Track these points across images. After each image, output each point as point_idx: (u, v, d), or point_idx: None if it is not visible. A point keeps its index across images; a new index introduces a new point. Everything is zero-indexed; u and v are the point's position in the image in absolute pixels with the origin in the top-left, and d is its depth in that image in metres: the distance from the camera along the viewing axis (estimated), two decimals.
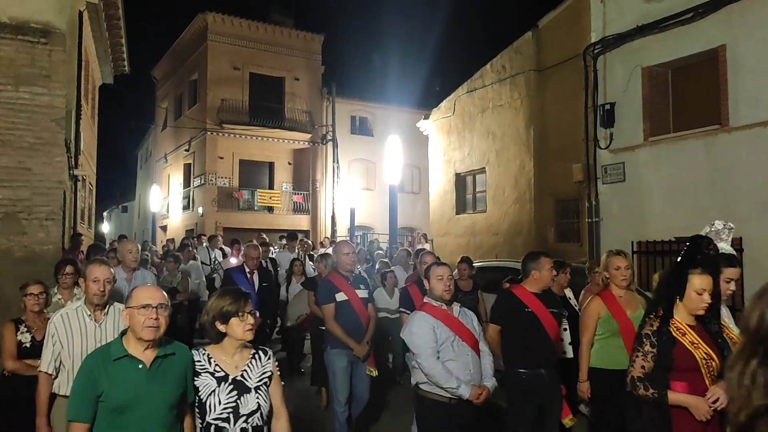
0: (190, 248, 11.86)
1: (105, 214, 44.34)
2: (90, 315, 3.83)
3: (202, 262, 11.67)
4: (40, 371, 3.73)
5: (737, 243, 9.49)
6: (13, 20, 8.65)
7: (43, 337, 3.93)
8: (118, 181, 43.55)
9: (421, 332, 4.12)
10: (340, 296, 5.60)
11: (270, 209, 25.56)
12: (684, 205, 10.41)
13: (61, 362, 3.72)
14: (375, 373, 5.74)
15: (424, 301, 4.37)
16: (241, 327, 2.93)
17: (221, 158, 24.99)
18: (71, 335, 3.74)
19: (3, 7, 8.60)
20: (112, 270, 3.98)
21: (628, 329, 4.41)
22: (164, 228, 28.70)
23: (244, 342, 3.00)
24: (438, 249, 16.69)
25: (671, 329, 3.30)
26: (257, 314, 3.02)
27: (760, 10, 9.44)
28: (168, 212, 29.16)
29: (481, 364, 4.22)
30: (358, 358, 5.57)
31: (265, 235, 14.28)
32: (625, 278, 4.68)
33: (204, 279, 10.95)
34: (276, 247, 14.10)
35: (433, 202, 18.40)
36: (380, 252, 13.51)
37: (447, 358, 4.08)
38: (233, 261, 10.91)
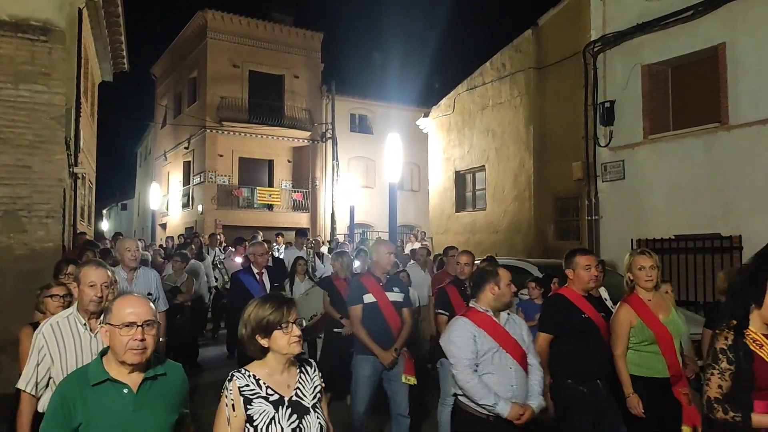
0: (193, 247, 11.87)
1: (104, 211, 44.35)
2: (84, 324, 3.40)
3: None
4: (19, 389, 3.26)
5: (736, 240, 9.52)
6: (12, 18, 8.64)
7: None
8: (117, 179, 43.56)
9: (459, 341, 3.76)
10: (368, 298, 5.26)
11: (270, 207, 25.57)
12: (683, 203, 10.42)
13: (50, 378, 3.27)
14: (413, 381, 5.26)
15: (470, 305, 3.98)
16: (286, 339, 2.54)
17: (221, 156, 24.99)
18: (63, 348, 3.31)
19: (2, 4, 8.58)
20: (110, 273, 3.53)
21: (664, 336, 4.22)
22: (164, 226, 28.70)
23: (290, 356, 2.61)
24: (438, 247, 16.70)
25: (747, 341, 2.92)
26: (303, 323, 2.64)
27: (760, 8, 9.44)
28: (167, 210, 29.17)
29: (527, 379, 3.80)
30: (384, 367, 5.17)
31: (261, 234, 14.29)
32: (650, 279, 4.36)
33: (206, 279, 10.94)
34: (276, 245, 13.97)
35: (433, 199, 18.41)
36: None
37: (486, 371, 3.71)
38: (238, 260, 10.38)
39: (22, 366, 3.67)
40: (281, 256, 11.30)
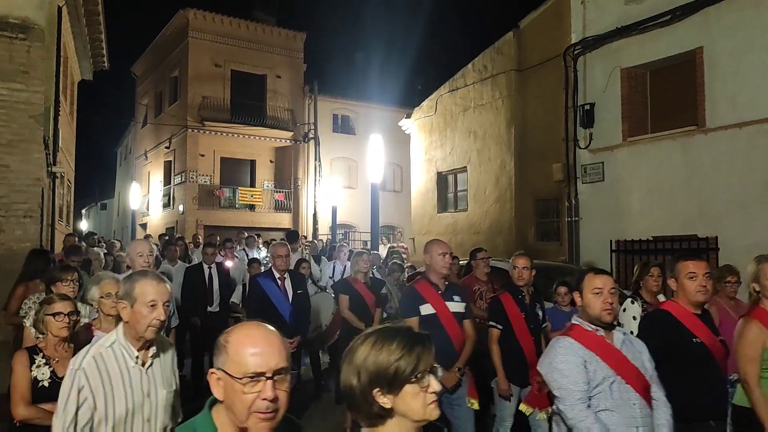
0: (176, 248, 11.31)
1: (84, 211, 43.89)
2: (137, 357, 2.66)
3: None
4: None
5: (713, 241, 9.67)
6: None
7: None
8: (97, 179, 43.07)
9: (568, 368, 2.99)
10: (426, 309, 4.54)
11: (251, 207, 25.47)
12: (661, 205, 10.56)
13: (92, 428, 2.57)
14: (476, 405, 4.58)
15: (574, 322, 3.20)
16: (421, 400, 1.69)
17: (202, 156, 24.85)
18: (109, 387, 2.58)
19: None
20: (169, 286, 2.78)
21: None
22: (144, 226, 28.46)
23: (424, 423, 1.75)
24: (420, 248, 16.75)
25: None
26: (439, 371, 1.76)
27: (737, 12, 9.60)
28: (148, 210, 28.94)
29: (652, 417, 3.03)
30: (446, 389, 4.35)
31: (246, 234, 14.19)
32: None
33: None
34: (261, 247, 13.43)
35: (415, 200, 18.46)
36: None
37: (602, 406, 2.96)
38: (229, 264, 9.43)
39: (14, 402, 3.13)
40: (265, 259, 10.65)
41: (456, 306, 4.61)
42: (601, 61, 11.66)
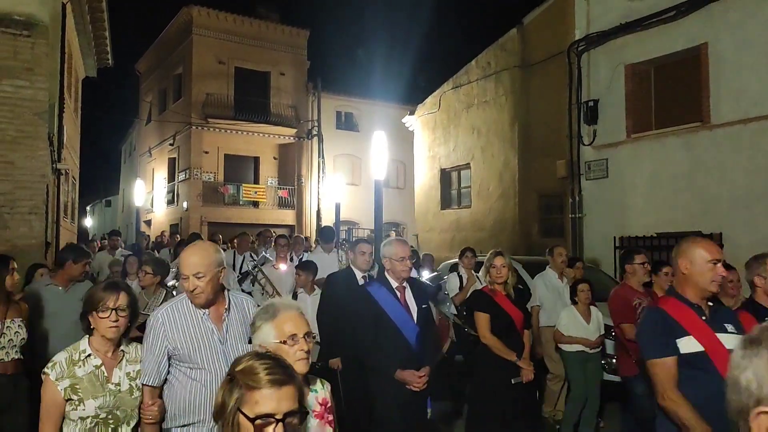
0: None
1: (88, 208, 43.96)
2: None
3: None
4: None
5: (717, 238, 9.65)
6: None
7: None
8: (101, 176, 43.14)
9: None
10: (688, 344, 2.94)
11: (255, 204, 25.49)
12: (665, 202, 10.55)
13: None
14: None
15: None
16: None
17: (206, 153, 24.86)
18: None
19: None
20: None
21: None
22: (148, 222, 28.53)
23: None
24: (423, 244, 16.75)
25: None
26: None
27: (742, 8, 9.58)
28: (152, 207, 28.98)
29: None
30: None
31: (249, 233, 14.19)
32: None
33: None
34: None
35: (418, 197, 18.47)
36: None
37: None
38: (283, 268, 7.57)
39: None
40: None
41: (731, 339, 2.94)
42: (605, 57, 11.64)
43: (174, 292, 6.19)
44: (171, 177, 27.35)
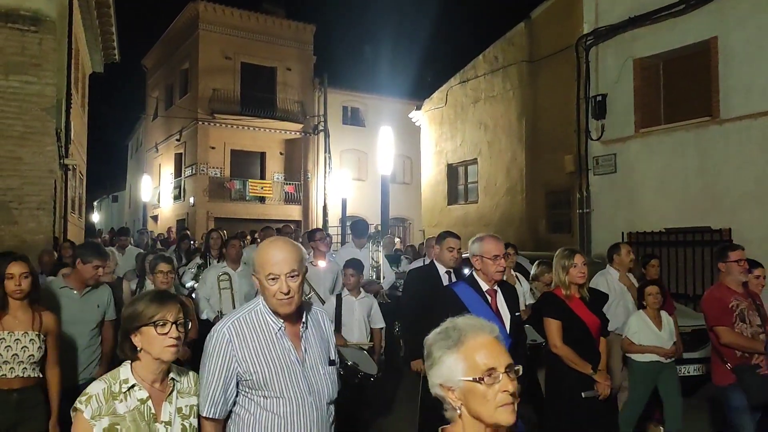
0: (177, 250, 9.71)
1: (95, 203, 44.12)
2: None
3: None
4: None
5: (726, 233, 9.60)
6: (2, 8, 8.58)
7: None
8: (108, 171, 43.26)
9: None
10: None
11: (262, 199, 25.52)
12: (674, 197, 10.48)
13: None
14: None
15: None
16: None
17: (213, 148, 24.90)
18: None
19: None
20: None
21: None
22: (155, 218, 28.61)
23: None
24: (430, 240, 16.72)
25: None
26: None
27: (751, 1, 9.49)
28: (159, 202, 29.07)
29: None
30: None
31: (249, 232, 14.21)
32: None
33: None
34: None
35: (425, 192, 18.43)
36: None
37: None
38: (322, 264, 6.72)
39: None
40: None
41: None
42: (613, 51, 11.56)
43: (193, 295, 6.13)
44: (177, 172, 27.41)
